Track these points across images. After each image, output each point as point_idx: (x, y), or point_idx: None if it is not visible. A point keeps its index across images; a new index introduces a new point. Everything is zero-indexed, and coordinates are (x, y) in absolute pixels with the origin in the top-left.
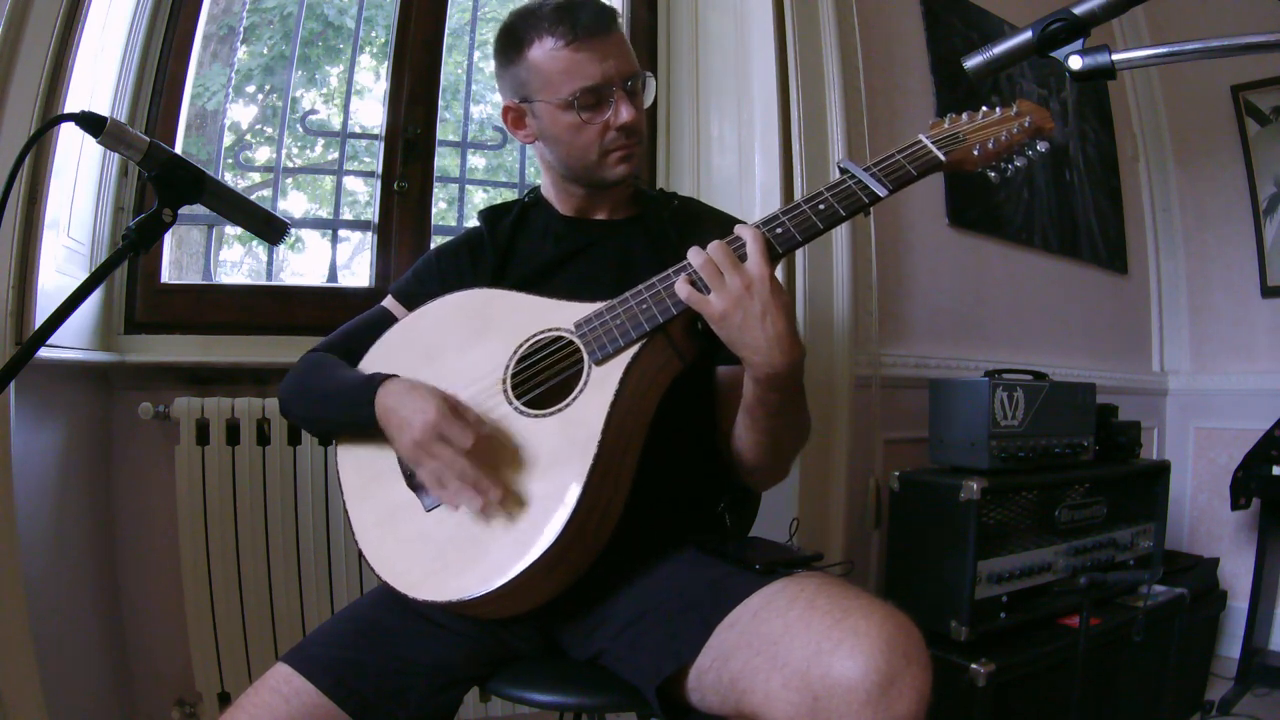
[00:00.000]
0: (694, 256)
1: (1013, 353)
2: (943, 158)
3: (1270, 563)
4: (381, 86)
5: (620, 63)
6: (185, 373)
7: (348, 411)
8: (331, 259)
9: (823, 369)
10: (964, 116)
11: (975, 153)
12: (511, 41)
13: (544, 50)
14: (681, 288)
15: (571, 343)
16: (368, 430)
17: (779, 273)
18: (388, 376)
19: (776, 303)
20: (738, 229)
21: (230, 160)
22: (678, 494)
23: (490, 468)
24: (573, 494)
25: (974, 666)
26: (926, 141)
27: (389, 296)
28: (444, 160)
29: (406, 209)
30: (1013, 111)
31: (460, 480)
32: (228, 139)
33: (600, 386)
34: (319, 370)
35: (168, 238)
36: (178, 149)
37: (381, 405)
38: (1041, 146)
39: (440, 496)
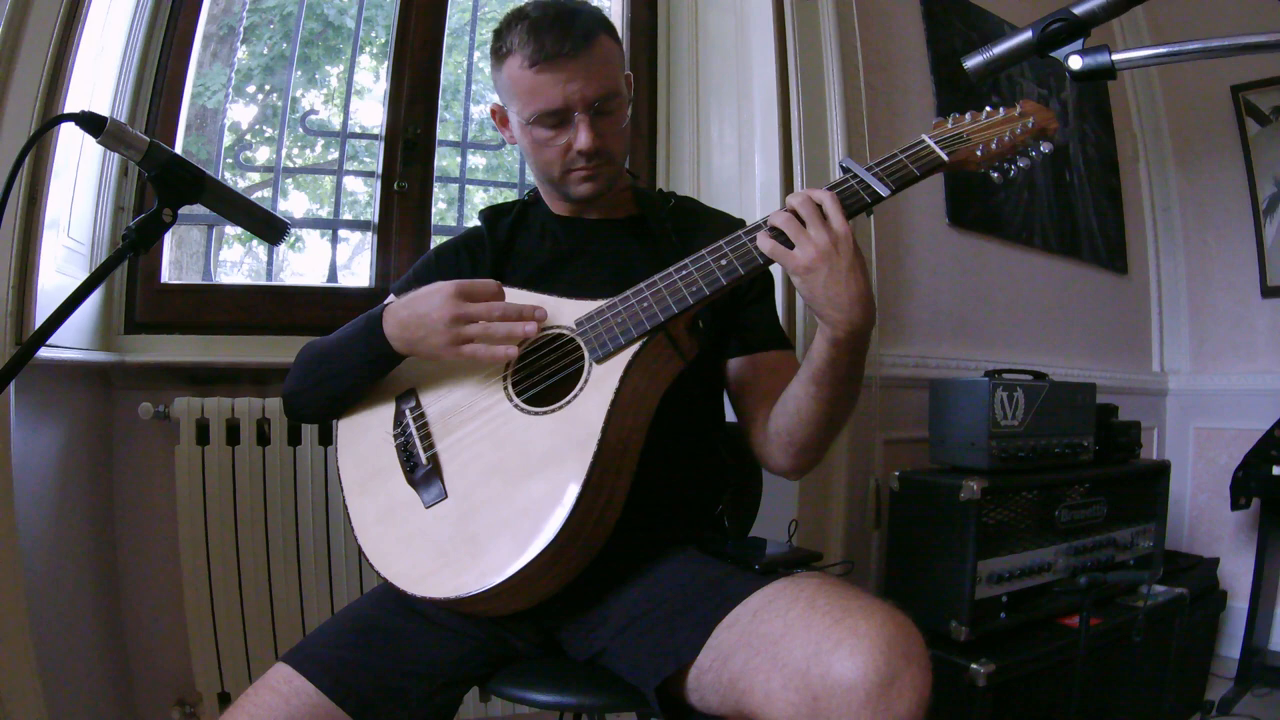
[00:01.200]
0: (775, 216)
1: (1013, 353)
2: (946, 158)
3: (1270, 563)
4: (381, 86)
5: (586, 86)
6: (185, 373)
7: (359, 346)
8: (331, 259)
9: None
10: (967, 116)
11: (978, 153)
12: (495, 49)
13: (514, 67)
14: (764, 241)
15: (572, 340)
16: (387, 355)
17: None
18: (385, 304)
19: (859, 261)
20: (811, 192)
21: (230, 160)
22: (678, 493)
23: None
24: (572, 492)
25: (974, 666)
26: (929, 141)
27: (390, 296)
28: (444, 160)
29: (406, 209)
30: (1016, 112)
31: (505, 322)
32: (228, 139)
33: (600, 385)
34: (317, 344)
35: (168, 238)
36: (178, 149)
37: (393, 320)
38: (1045, 147)
39: (493, 355)
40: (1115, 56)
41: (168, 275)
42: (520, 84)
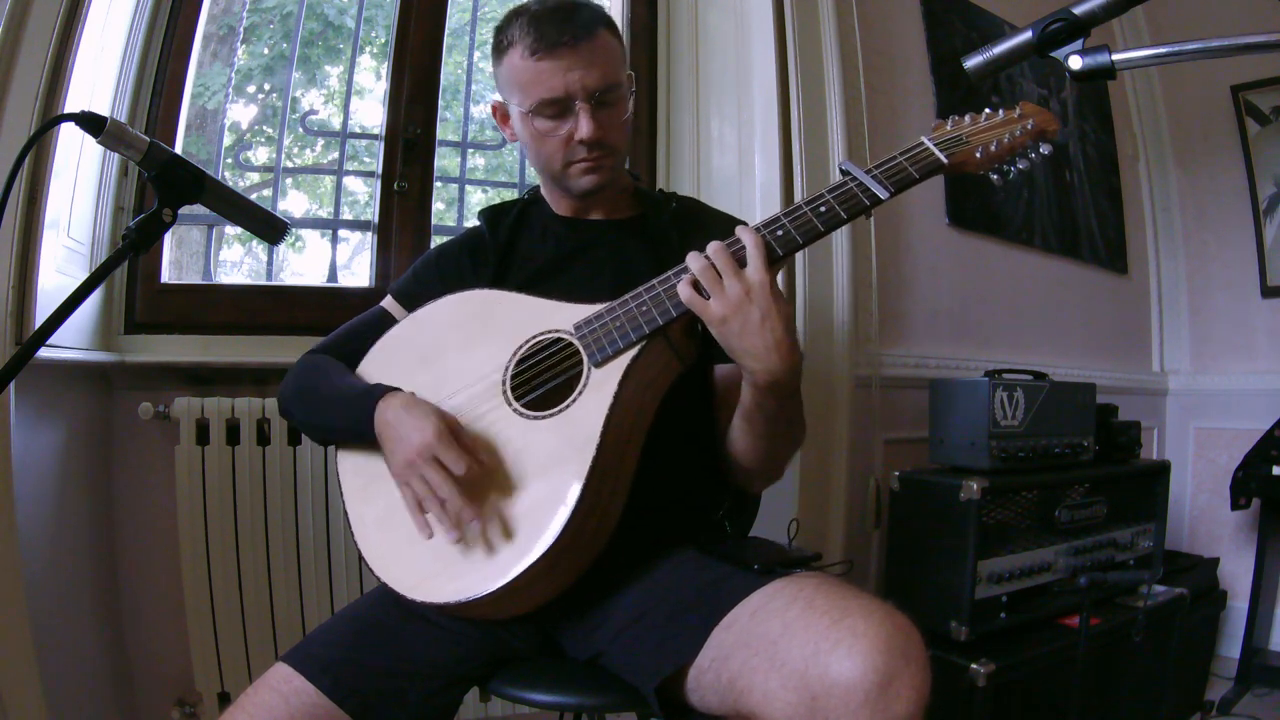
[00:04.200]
0: (693, 261)
1: (1013, 353)
2: (945, 160)
3: (1270, 563)
4: (381, 86)
5: (586, 74)
6: (185, 373)
7: (347, 419)
8: (331, 259)
9: (822, 369)
10: (967, 118)
11: (978, 155)
12: (496, 44)
13: (516, 58)
14: (684, 290)
15: (571, 344)
16: (366, 439)
17: (780, 275)
18: (389, 390)
19: (776, 309)
20: (738, 231)
21: (230, 160)
22: (677, 495)
23: (485, 477)
24: (571, 496)
25: (974, 666)
26: (929, 144)
27: (388, 297)
28: (444, 160)
29: (406, 209)
30: (1016, 114)
31: (441, 508)
32: (228, 139)
33: (599, 388)
34: (318, 374)
35: (168, 238)
36: (178, 149)
37: (380, 418)
38: (1045, 149)
39: (416, 523)
40: (1115, 56)
41: (168, 275)
42: (522, 74)
